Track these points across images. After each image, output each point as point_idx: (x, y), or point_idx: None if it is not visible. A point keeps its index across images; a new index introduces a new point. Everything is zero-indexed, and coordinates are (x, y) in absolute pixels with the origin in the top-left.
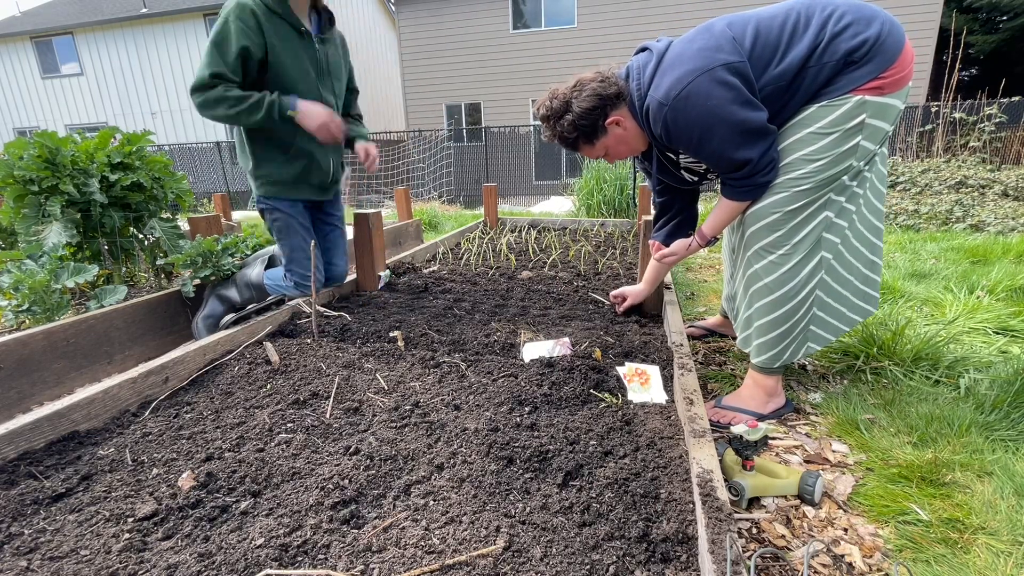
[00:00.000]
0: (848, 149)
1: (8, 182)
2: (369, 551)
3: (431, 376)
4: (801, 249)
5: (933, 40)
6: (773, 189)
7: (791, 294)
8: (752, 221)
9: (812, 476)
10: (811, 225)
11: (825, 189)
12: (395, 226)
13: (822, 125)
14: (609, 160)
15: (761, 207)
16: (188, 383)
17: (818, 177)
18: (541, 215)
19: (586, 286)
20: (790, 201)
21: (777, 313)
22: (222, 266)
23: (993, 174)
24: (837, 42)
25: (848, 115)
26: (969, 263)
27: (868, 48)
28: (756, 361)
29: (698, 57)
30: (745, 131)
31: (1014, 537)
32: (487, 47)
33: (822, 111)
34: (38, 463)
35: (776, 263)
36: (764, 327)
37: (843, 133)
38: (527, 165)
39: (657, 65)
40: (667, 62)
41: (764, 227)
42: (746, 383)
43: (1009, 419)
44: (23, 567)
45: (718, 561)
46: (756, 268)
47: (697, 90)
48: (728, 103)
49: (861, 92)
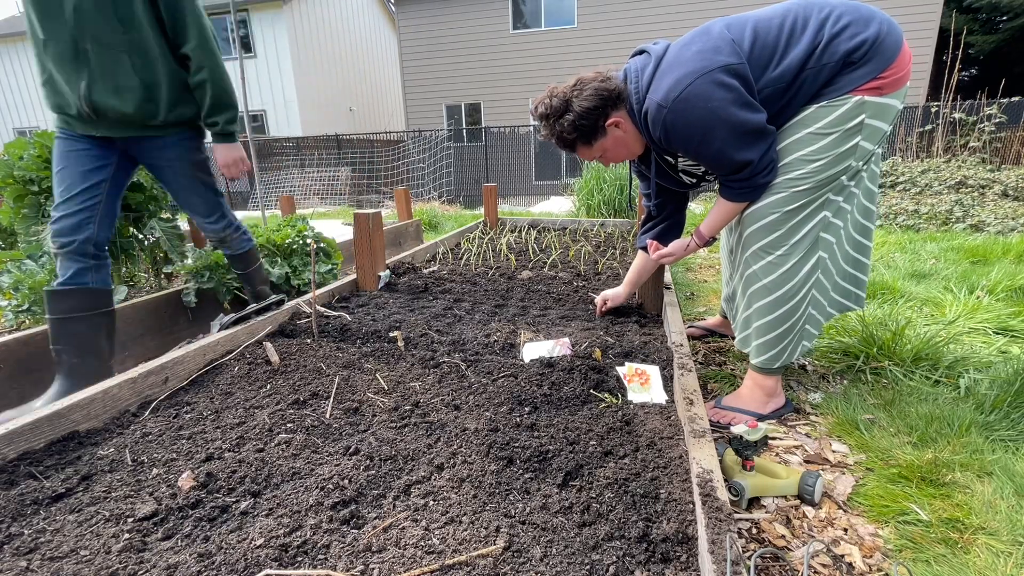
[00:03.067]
0: (847, 149)
1: (8, 182)
2: (369, 551)
3: (431, 376)
4: (800, 249)
5: (933, 40)
6: (772, 189)
7: (790, 294)
8: (750, 222)
9: (812, 476)
10: (809, 225)
11: (824, 189)
12: (395, 226)
13: (821, 126)
14: (604, 162)
15: (759, 207)
16: (188, 383)
17: (817, 177)
18: (541, 215)
19: (586, 286)
20: (789, 201)
21: (776, 313)
22: (228, 281)
23: (993, 174)
24: (836, 43)
25: (848, 115)
26: (969, 263)
27: (867, 49)
28: (756, 362)
29: (697, 59)
30: (745, 132)
31: (1014, 537)
32: (487, 47)
33: (821, 111)
34: (38, 463)
35: (775, 263)
36: (763, 328)
37: (843, 133)
38: (527, 165)
39: (656, 68)
40: (665, 65)
41: (762, 227)
42: (745, 383)
43: (1009, 419)
44: (23, 567)
45: (718, 561)
46: (755, 269)
47: (697, 92)
48: (728, 104)
49: (860, 92)
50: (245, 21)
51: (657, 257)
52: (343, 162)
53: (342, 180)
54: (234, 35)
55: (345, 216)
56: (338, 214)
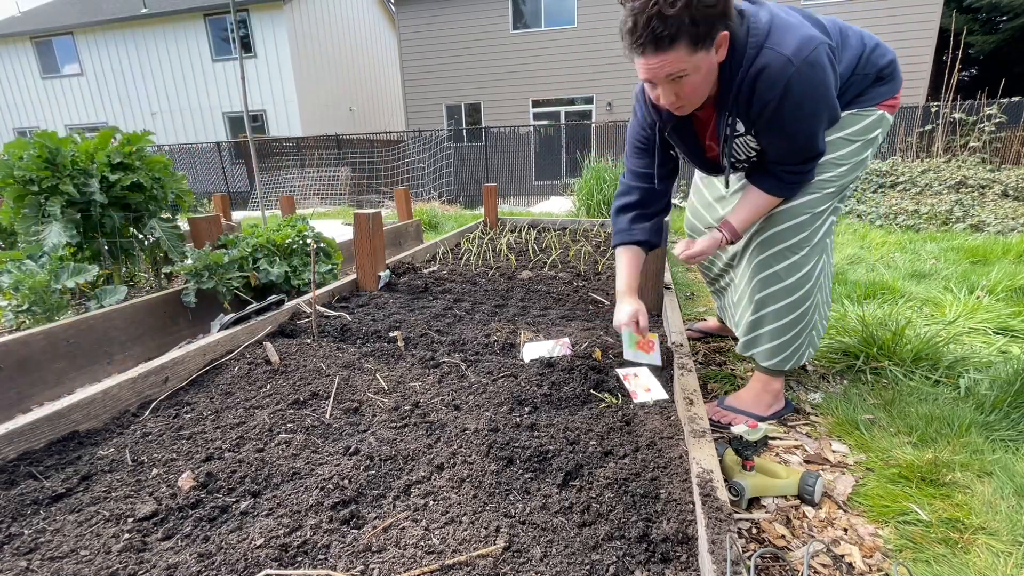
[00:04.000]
0: (863, 159)
1: (8, 182)
2: (369, 551)
3: (431, 376)
4: (816, 251)
5: (933, 40)
6: (807, 189)
7: (807, 295)
8: (781, 220)
9: (812, 476)
10: (824, 228)
11: (842, 194)
12: (395, 226)
13: (851, 132)
14: (668, 100)
15: (793, 206)
16: (188, 383)
17: (840, 182)
18: (541, 215)
19: (586, 286)
20: (820, 203)
21: (795, 314)
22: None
23: (993, 174)
24: (874, 57)
25: (871, 126)
26: (969, 263)
27: (892, 68)
28: (768, 364)
29: (807, 28)
30: (832, 119)
31: (1014, 537)
32: (487, 47)
33: (853, 118)
34: (38, 463)
35: (797, 264)
36: (780, 329)
37: (864, 143)
38: (527, 165)
39: (771, 20)
40: (782, 21)
41: (793, 227)
42: (751, 385)
43: (1009, 419)
44: (23, 567)
45: (718, 561)
46: (777, 269)
47: (820, 61)
48: (831, 87)
49: (882, 107)
50: (245, 21)
51: (687, 256)
52: (343, 162)
53: (342, 180)
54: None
55: (345, 216)
56: (338, 214)
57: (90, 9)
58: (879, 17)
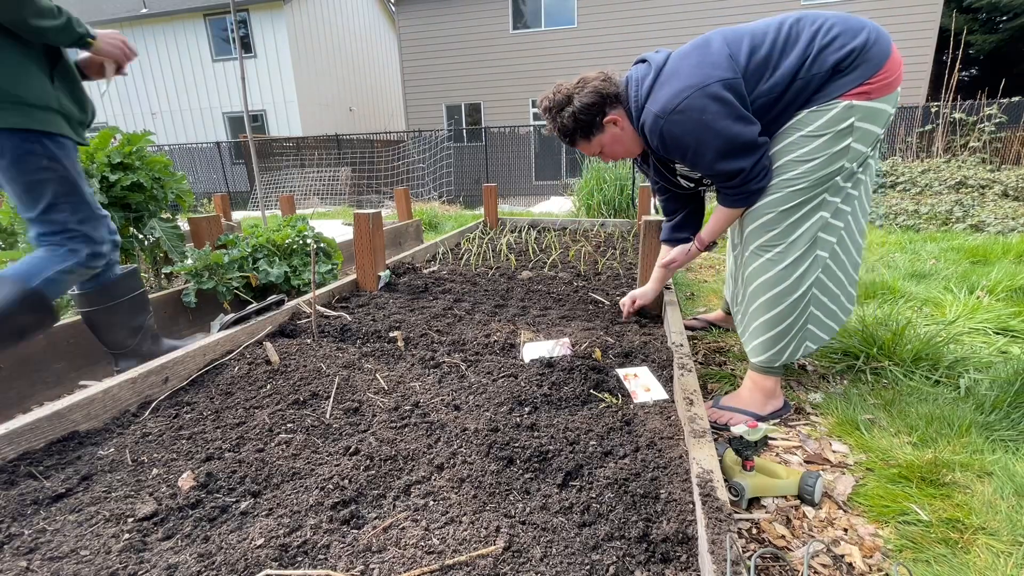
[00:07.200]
0: (840, 150)
1: None
2: (369, 551)
3: (431, 376)
4: (796, 248)
5: (933, 40)
6: (769, 191)
7: (786, 293)
8: (749, 221)
9: (812, 476)
10: (806, 225)
11: (819, 189)
12: (395, 226)
13: (812, 129)
14: (604, 159)
15: (757, 207)
16: (188, 383)
17: (812, 177)
18: (541, 215)
19: (586, 286)
20: (784, 201)
21: (773, 312)
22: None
23: (993, 174)
24: (825, 54)
25: (837, 118)
26: (969, 263)
27: (854, 57)
28: (755, 361)
29: (695, 73)
30: (737, 144)
31: (1014, 537)
32: (487, 47)
33: (811, 116)
34: (38, 463)
35: (772, 261)
36: (762, 326)
37: (834, 135)
38: (527, 165)
39: (655, 78)
40: (664, 75)
41: (760, 226)
42: (745, 384)
43: (1009, 419)
44: (23, 567)
45: (718, 561)
46: (753, 267)
47: (692, 105)
48: (722, 118)
49: (848, 97)
50: (245, 21)
51: (663, 264)
52: (343, 162)
53: (342, 180)
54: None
55: (345, 216)
56: (338, 214)
57: (90, 9)
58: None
